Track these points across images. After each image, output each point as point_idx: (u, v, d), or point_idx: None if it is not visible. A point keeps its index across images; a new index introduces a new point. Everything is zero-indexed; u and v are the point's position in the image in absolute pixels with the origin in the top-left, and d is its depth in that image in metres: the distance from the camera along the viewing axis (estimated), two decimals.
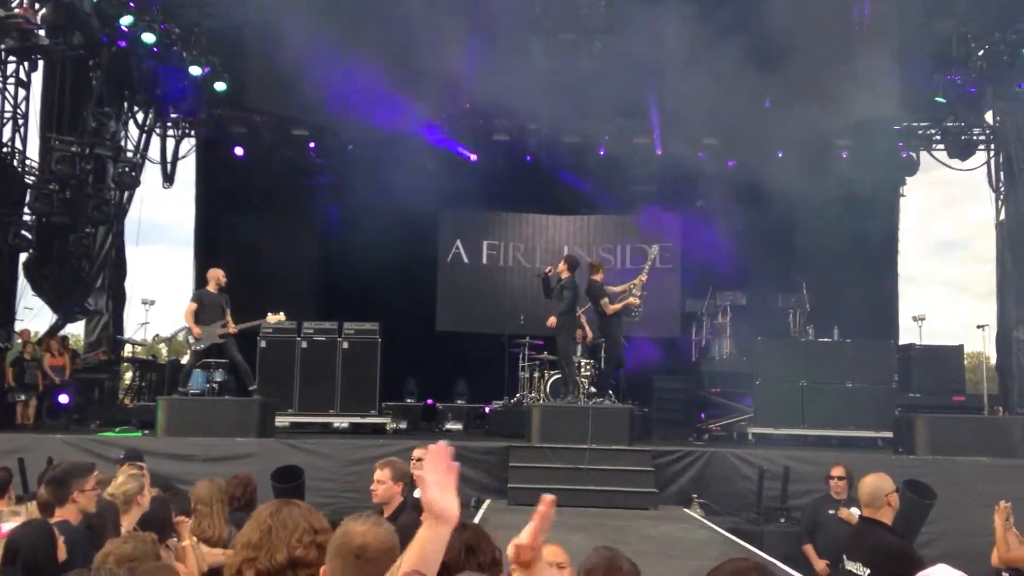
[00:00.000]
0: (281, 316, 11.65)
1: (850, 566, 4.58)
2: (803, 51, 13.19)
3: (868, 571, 4.33)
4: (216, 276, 11.54)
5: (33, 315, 14.70)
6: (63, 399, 13.47)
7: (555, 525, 2.04)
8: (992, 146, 16.49)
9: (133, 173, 15.30)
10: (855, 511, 6.37)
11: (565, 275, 11.64)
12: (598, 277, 12.03)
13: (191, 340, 11.34)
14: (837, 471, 7.97)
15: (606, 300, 11.84)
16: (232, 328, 11.36)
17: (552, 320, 11.73)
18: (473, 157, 16.60)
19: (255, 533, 2.45)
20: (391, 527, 2.33)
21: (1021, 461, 10.54)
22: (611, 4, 14.23)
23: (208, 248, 17.29)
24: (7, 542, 3.95)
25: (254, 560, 2.42)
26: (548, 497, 2.00)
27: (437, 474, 1.99)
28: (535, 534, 1.97)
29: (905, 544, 4.52)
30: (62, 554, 4.00)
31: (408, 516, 5.58)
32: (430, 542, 1.95)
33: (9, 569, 3.84)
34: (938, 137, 16.68)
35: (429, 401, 15.45)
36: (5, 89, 14.25)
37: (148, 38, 14.03)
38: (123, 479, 4.88)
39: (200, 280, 15.92)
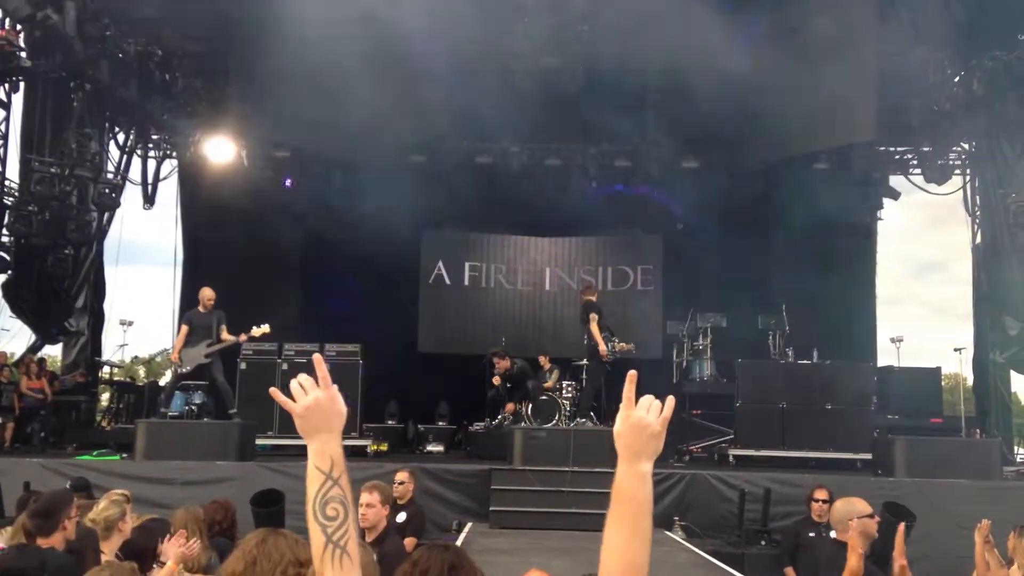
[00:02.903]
0: (266, 328, 11.55)
1: None
2: (784, 75, 13.35)
3: None
4: (203, 297, 11.53)
5: (11, 337, 14.60)
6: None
7: (538, 549, 2.04)
8: (968, 171, 16.72)
9: (113, 195, 15.25)
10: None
11: (511, 365, 13.24)
12: (592, 297, 12.25)
13: (176, 364, 11.30)
14: (820, 494, 8.00)
15: (595, 316, 11.96)
16: (225, 335, 11.31)
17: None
18: None
19: (239, 563, 2.45)
20: (366, 554, 2.31)
21: (998, 483, 10.64)
22: (594, 28, 14.35)
23: (190, 269, 17.23)
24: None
25: None
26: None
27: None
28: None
29: (873, 569, 4.54)
30: None
31: (392, 542, 5.54)
32: (335, 448, 1.91)
33: None
34: (915, 162, 16.87)
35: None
36: None
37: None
38: (104, 505, 4.83)
39: (186, 301, 15.92)
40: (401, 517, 7.32)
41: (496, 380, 13.25)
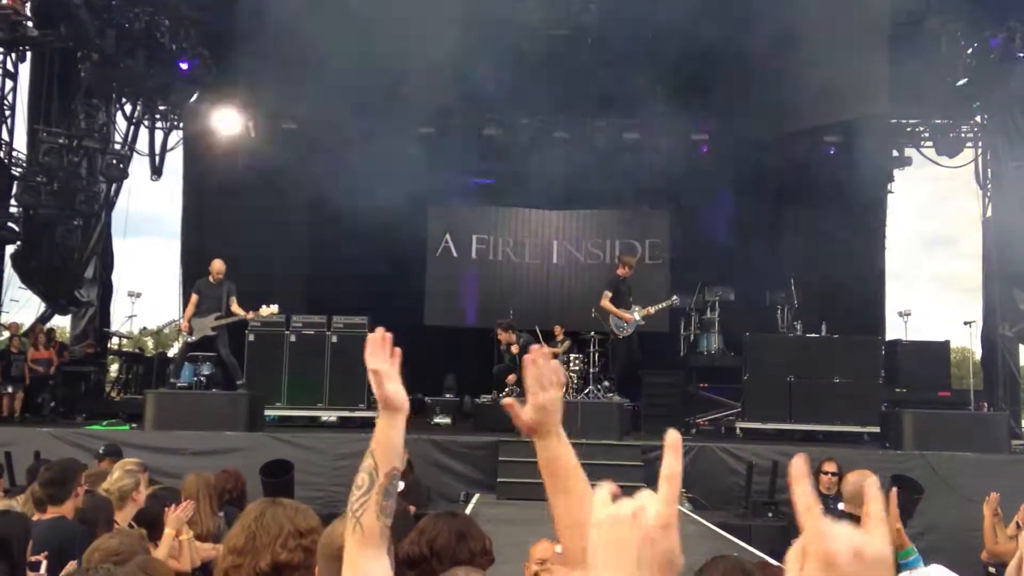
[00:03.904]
0: (274, 309, 11.58)
1: None
2: (794, 47, 13.21)
3: None
4: (213, 269, 11.56)
5: (19, 307, 14.65)
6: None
7: (545, 520, 2.02)
8: (980, 143, 16.57)
9: (121, 165, 15.21)
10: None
11: (516, 338, 13.13)
12: (620, 271, 12.25)
13: (186, 332, 11.37)
14: (829, 467, 7.95)
15: (608, 293, 12.04)
16: (234, 307, 11.33)
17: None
18: None
19: (240, 537, 2.44)
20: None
21: (1006, 456, 10.66)
22: None
23: (195, 241, 17.21)
24: None
25: (240, 567, 2.41)
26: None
27: (385, 364, 1.98)
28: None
29: None
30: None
31: (397, 505, 5.59)
32: (395, 433, 1.98)
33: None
34: (926, 134, 16.72)
35: None
36: None
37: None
38: (119, 475, 4.85)
39: (188, 273, 15.94)
40: (400, 487, 7.37)
41: (515, 349, 13.28)
